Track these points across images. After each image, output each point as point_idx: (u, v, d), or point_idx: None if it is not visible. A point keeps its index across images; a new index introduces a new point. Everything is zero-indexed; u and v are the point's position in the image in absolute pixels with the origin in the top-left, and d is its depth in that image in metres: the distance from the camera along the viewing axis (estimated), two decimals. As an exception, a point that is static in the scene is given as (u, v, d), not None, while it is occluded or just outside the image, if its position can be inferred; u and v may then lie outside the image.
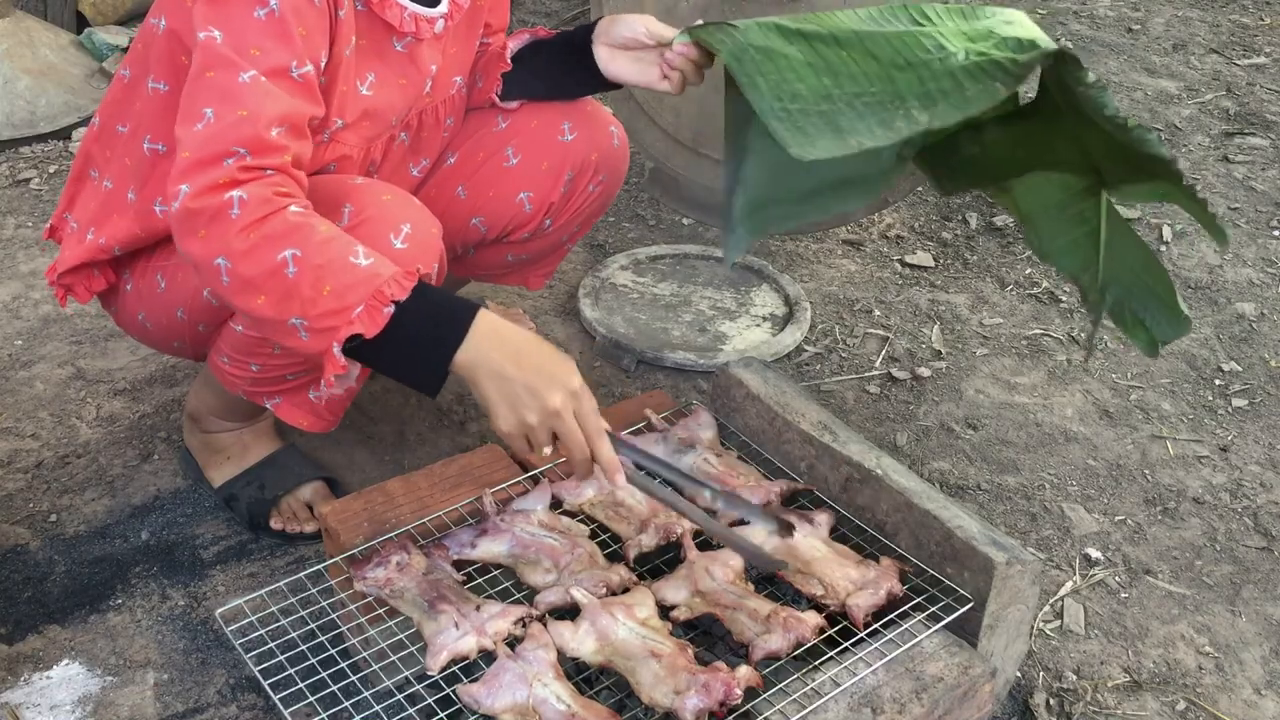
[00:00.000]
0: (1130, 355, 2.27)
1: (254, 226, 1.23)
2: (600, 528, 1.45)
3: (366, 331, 1.24)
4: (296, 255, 1.23)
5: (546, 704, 1.18)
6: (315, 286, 1.23)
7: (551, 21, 3.70)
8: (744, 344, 2.21)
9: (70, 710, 1.47)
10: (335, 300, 1.23)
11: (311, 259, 1.23)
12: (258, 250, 1.23)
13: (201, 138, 1.26)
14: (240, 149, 1.25)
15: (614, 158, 1.80)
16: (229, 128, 1.26)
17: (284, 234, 1.24)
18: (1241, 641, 1.64)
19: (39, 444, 1.92)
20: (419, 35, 1.51)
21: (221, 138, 1.25)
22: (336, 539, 1.43)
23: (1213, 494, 1.92)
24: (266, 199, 1.25)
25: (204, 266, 1.26)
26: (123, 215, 1.54)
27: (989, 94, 1.30)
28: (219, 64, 1.29)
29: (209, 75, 1.29)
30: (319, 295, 1.23)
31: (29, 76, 2.97)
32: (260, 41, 1.30)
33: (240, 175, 1.25)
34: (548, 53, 1.72)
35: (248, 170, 1.25)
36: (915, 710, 1.24)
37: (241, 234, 1.23)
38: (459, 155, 1.78)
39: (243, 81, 1.28)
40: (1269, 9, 4.03)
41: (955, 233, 2.68)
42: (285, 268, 1.23)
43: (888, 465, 1.46)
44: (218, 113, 1.26)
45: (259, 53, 1.29)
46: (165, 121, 1.48)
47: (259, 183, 1.25)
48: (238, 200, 1.23)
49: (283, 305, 1.24)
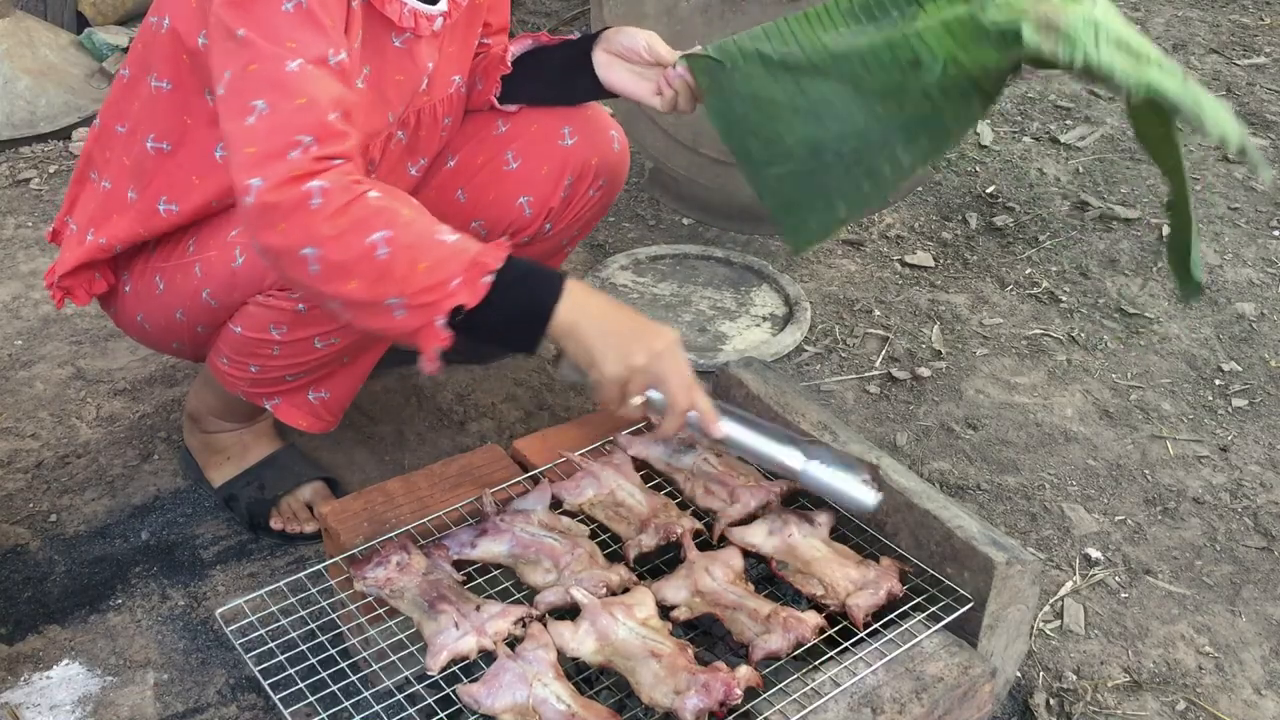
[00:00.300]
0: (1130, 355, 2.27)
1: (340, 213, 1.24)
2: (600, 528, 1.45)
3: (468, 302, 1.26)
4: (388, 237, 1.24)
5: (546, 704, 1.18)
6: (410, 265, 1.25)
7: (551, 21, 3.70)
8: (744, 344, 2.21)
9: (70, 710, 1.47)
10: (431, 276, 1.25)
11: (402, 239, 1.25)
12: (347, 236, 1.24)
13: (263, 130, 1.25)
14: (305, 137, 1.25)
15: (614, 162, 1.80)
16: (291, 116, 1.25)
17: (370, 218, 1.25)
18: (1241, 641, 1.64)
19: (39, 444, 1.92)
20: (418, 32, 1.51)
21: (285, 128, 1.25)
22: (336, 539, 1.43)
23: (1213, 494, 1.92)
24: (347, 186, 1.25)
25: (287, 257, 1.26)
26: (123, 214, 1.54)
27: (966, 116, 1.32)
28: (261, 56, 1.28)
29: (252, 69, 1.28)
30: (414, 273, 1.25)
31: (29, 76, 2.97)
32: (293, 34, 1.29)
33: (315, 166, 1.25)
34: (548, 58, 1.72)
35: (320, 160, 1.25)
36: (915, 710, 1.24)
37: (329, 221, 1.24)
38: (459, 158, 1.77)
39: (291, 70, 1.27)
40: (1269, 9, 4.03)
41: (955, 233, 2.68)
42: (376, 250, 1.24)
43: (888, 465, 1.46)
44: (273, 103, 1.26)
45: (295, 44, 1.29)
46: (168, 120, 1.48)
47: (336, 171, 1.26)
48: (319, 190, 1.24)
49: (377, 287, 1.25)
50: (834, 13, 1.43)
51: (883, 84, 1.34)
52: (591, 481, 1.49)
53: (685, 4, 2.35)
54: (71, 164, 2.88)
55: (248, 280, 1.47)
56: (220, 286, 1.50)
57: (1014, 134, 3.15)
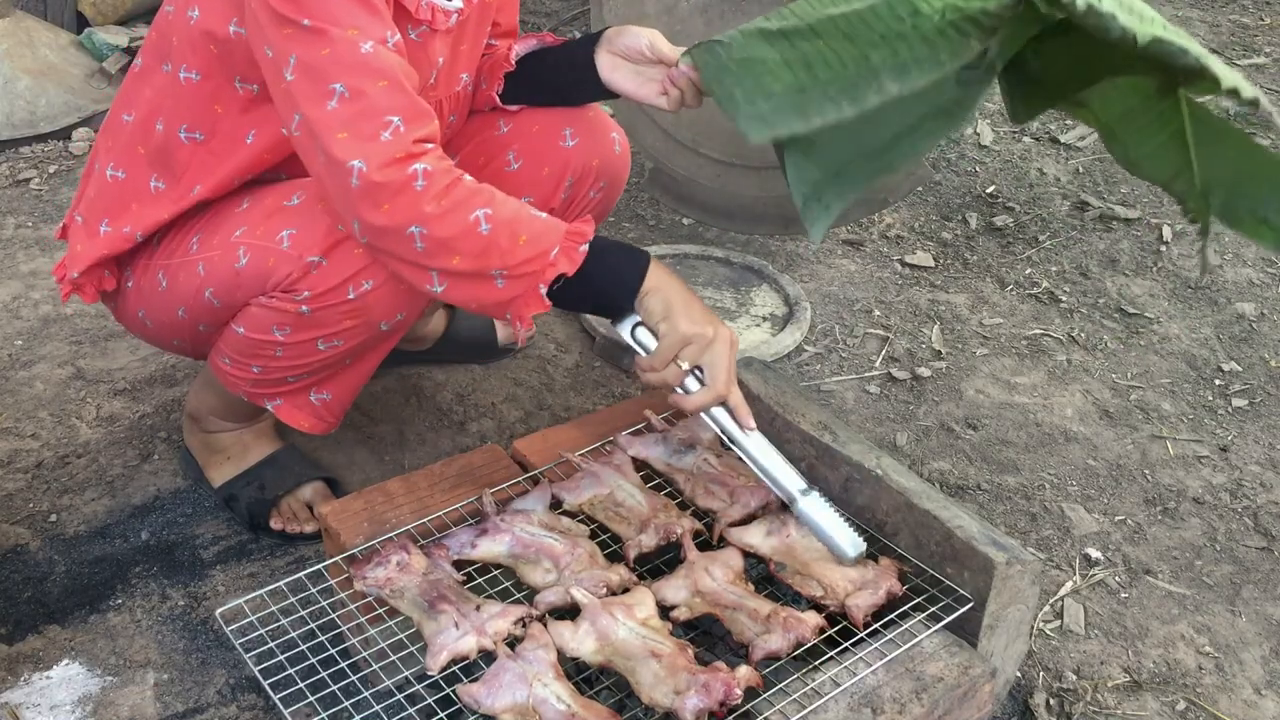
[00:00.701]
0: (1130, 355, 2.27)
1: (444, 194, 1.33)
2: (600, 528, 1.45)
3: (569, 270, 1.37)
4: (488, 214, 1.34)
5: (546, 704, 1.18)
6: (511, 238, 1.34)
7: (551, 21, 3.70)
8: (744, 344, 2.21)
9: (70, 710, 1.47)
10: (532, 248, 1.35)
11: (501, 215, 1.35)
12: (451, 214, 1.33)
13: (349, 114, 1.31)
14: (394, 118, 1.32)
15: (615, 164, 1.80)
16: (377, 99, 1.31)
17: (470, 198, 1.34)
18: (1241, 641, 1.64)
19: (39, 444, 1.92)
20: (434, 25, 1.51)
21: (373, 111, 1.31)
22: (336, 539, 1.43)
23: (1213, 494, 1.92)
24: (447, 169, 1.34)
25: (393, 235, 1.33)
26: (147, 204, 1.54)
27: (963, 50, 1.30)
28: (331, 41, 1.32)
29: (325, 53, 1.32)
30: (515, 246, 1.35)
31: (29, 76, 2.97)
32: (353, 19, 1.33)
33: (414, 149, 1.32)
34: (552, 59, 1.72)
35: (416, 143, 1.33)
36: (915, 710, 1.24)
37: (434, 201, 1.32)
38: (460, 158, 1.77)
39: (366, 52, 1.32)
40: (1269, 9, 4.03)
41: (955, 233, 2.68)
42: (479, 226, 1.33)
43: (888, 465, 1.46)
44: (353, 86, 1.31)
45: (357, 31, 1.33)
46: (198, 110, 1.49)
47: (432, 155, 1.34)
48: (422, 172, 1.32)
49: (481, 259, 1.35)
50: None
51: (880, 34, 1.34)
52: (591, 482, 1.49)
53: (685, 4, 2.35)
54: (71, 164, 2.88)
55: (251, 281, 1.47)
56: (223, 286, 1.50)
57: (1014, 134, 3.15)
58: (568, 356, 2.19)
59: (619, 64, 1.64)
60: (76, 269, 1.57)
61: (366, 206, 1.32)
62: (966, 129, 3.15)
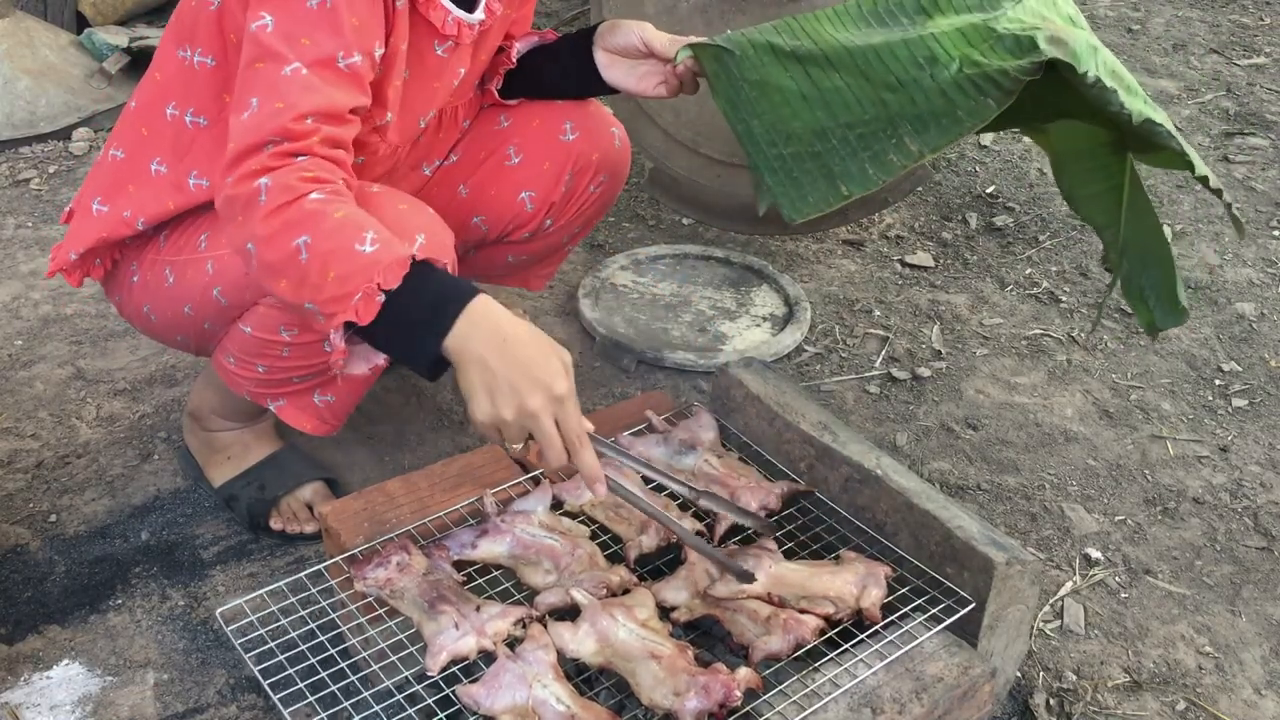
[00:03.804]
0: (1130, 355, 2.27)
1: (276, 213, 1.25)
2: (601, 529, 1.45)
3: (360, 319, 1.24)
4: (308, 242, 1.24)
5: (546, 705, 1.18)
6: (322, 273, 1.24)
7: (551, 21, 3.70)
8: (744, 344, 2.21)
9: (70, 710, 1.47)
10: (338, 287, 1.24)
11: (320, 245, 1.24)
12: (278, 237, 1.25)
13: (243, 128, 1.29)
14: (274, 138, 1.27)
15: (615, 158, 1.80)
16: (266, 118, 1.28)
17: (300, 221, 1.25)
18: (1241, 641, 1.64)
19: (39, 444, 1.92)
20: (459, 40, 1.51)
21: (259, 129, 1.27)
22: (336, 539, 1.43)
23: (1213, 494, 1.92)
24: (289, 186, 1.26)
25: (240, 251, 1.30)
26: (144, 186, 1.53)
27: (981, 111, 1.31)
28: (267, 56, 1.30)
29: (258, 66, 1.31)
30: (325, 281, 1.24)
31: (29, 76, 2.97)
32: (311, 31, 1.31)
33: (271, 163, 1.26)
34: (551, 56, 1.72)
35: (279, 157, 1.27)
36: (915, 710, 1.24)
37: (265, 220, 1.25)
38: (461, 154, 1.78)
39: (284, 75, 1.29)
40: (1269, 9, 4.03)
41: (955, 233, 2.68)
42: (299, 254, 1.24)
43: (888, 465, 1.46)
44: (260, 103, 1.29)
45: (309, 42, 1.31)
46: (206, 95, 1.48)
47: (286, 169, 1.27)
48: (265, 188, 1.25)
49: (299, 290, 1.26)
50: (845, 15, 1.44)
51: (897, 77, 1.35)
52: (591, 482, 1.48)
53: (685, 4, 2.35)
54: (72, 164, 2.89)
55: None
56: (232, 286, 1.49)
57: (1014, 134, 3.15)
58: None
59: (615, 61, 1.65)
60: (74, 250, 1.56)
61: (226, 219, 1.30)
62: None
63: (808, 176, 1.37)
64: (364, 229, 1.26)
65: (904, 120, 1.34)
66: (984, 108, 1.31)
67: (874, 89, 1.35)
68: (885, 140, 1.34)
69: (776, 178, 1.40)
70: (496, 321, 1.24)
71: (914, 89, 1.33)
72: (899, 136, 1.33)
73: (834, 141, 1.36)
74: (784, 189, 1.37)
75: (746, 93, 1.41)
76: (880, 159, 1.34)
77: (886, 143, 1.34)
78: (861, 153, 1.35)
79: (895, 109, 1.34)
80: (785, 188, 1.37)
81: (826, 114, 1.37)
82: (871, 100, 1.35)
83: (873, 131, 1.35)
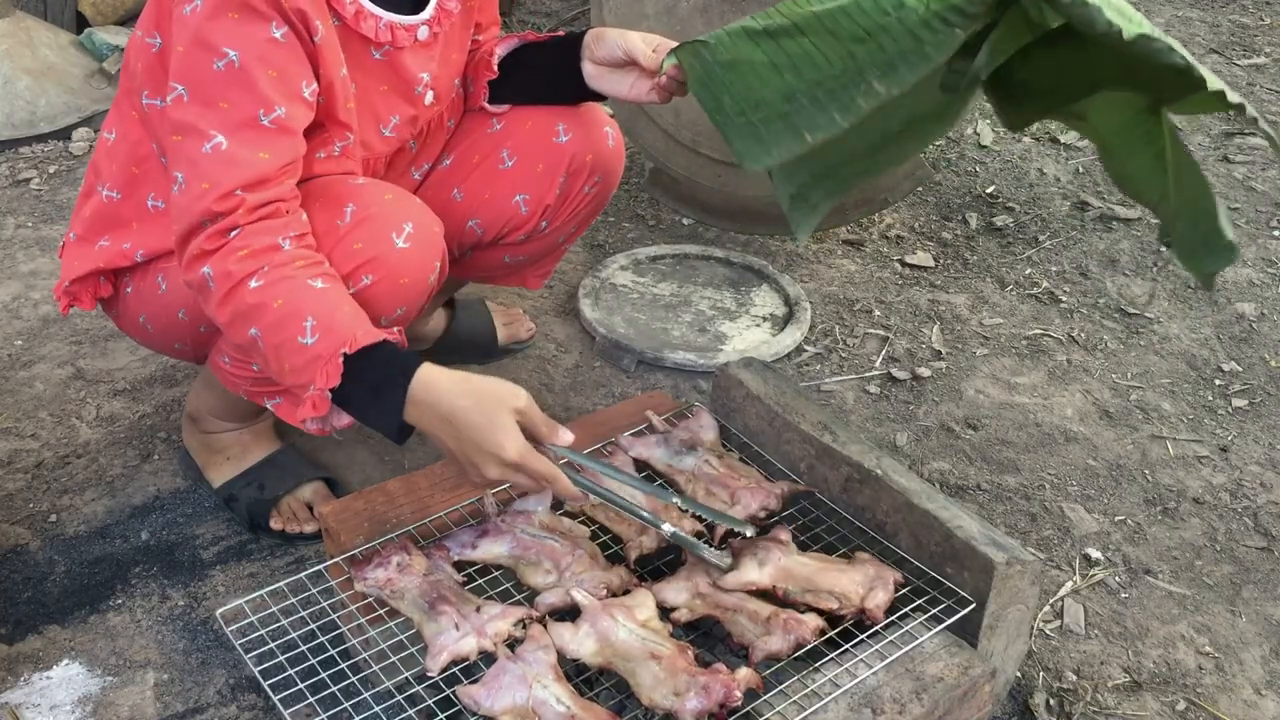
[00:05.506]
0: (1130, 355, 2.27)
1: (225, 302, 1.33)
2: (601, 529, 1.45)
3: (317, 411, 1.31)
4: (258, 335, 1.32)
5: (546, 705, 1.18)
6: (279, 364, 1.33)
7: (551, 22, 3.70)
8: (744, 344, 2.21)
9: (70, 710, 1.47)
10: (294, 377, 1.32)
11: (269, 339, 1.32)
12: (234, 325, 1.35)
13: (178, 209, 1.35)
14: (204, 219, 1.33)
15: (609, 158, 1.80)
16: (194, 200, 1.33)
17: (246, 314, 1.32)
18: (1241, 641, 1.64)
19: (39, 444, 1.92)
20: (396, 44, 1.52)
21: (190, 210, 1.33)
22: (336, 539, 1.43)
23: (1213, 494, 1.92)
24: (228, 273, 1.32)
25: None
26: (147, 223, 1.56)
27: (948, 42, 1.29)
28: (185, 129, 1.34)
29: (176, 140, 1.35)
30: (283, 371, 1.33)
31: (29, 76, 2.97)
32: (225, 94, 1.33)
33: (208, 245, 1.33)
34: (537, 62, 1.72)
35: (214, 238, 1.33)
36: (915, 710, 1.24)
37: (218, 310, 1.35)
38: (454, 157, 1.78)
39: (205, 152, 1.33)
40: (1269, 9, 4.03)
41: (955, 233, 2.68)
42: (257, 343, 1.33)
43: (888, 465, 1.46)
44: (186, 182, 1.34)
45: (227, 105, 1.33)
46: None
47: (222, 253, 1.32)
48: (209, 276, 1.33)
49: (268, 371, 1.38)
50: None
51: (864, 28, 1.33)
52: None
53: (685, 4, 2.35)
54: (71, 164, 2.89)
55: None
56: None
57: (1014, 134, 3.15)
58: (568, 357, 2.19)
59: (603, 72, 1.65)
60: (72, 277, 1.59)
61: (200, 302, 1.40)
62: (966, 129, 3.15)
63: (773, 133, 1.36)
64: (304, 317, 1.30)
65: (871, 67, 1.32)
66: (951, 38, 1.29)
67: (841, 44, 1.34)
68: (853, 89, 1.33)
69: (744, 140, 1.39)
70: (437, 399, 1.28)
71: (882, 36, 1.32)
72: (866, 82, 1.32)
73: (803, 101, 1.35)
74: (747, 145, 1.37)
75: (719, 74, 1.41)
76: (847, 106, 1.33)
77: (854, 90, 1.33)
78: (829, 105, 1.34)
79: (863, 59, 1.33)
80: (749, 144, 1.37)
81: (795, 76, 1.36)
82: (839, 55, 1.34)
83: (841, 85, 1.33)
